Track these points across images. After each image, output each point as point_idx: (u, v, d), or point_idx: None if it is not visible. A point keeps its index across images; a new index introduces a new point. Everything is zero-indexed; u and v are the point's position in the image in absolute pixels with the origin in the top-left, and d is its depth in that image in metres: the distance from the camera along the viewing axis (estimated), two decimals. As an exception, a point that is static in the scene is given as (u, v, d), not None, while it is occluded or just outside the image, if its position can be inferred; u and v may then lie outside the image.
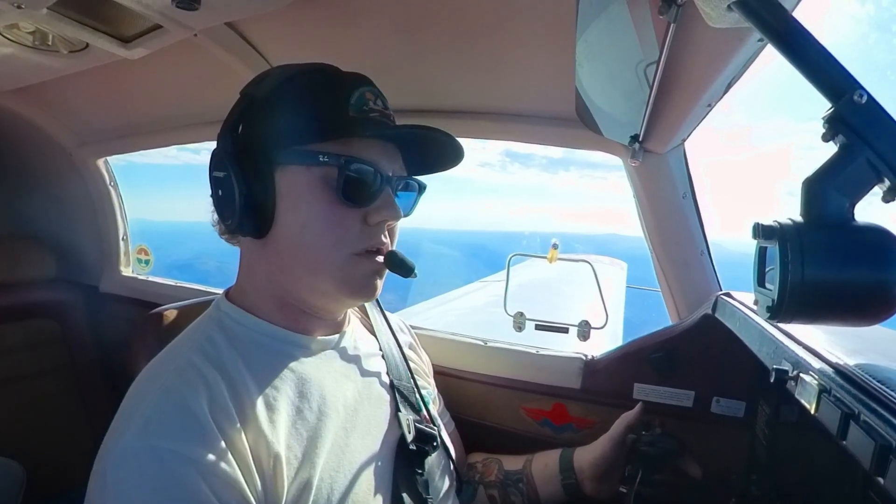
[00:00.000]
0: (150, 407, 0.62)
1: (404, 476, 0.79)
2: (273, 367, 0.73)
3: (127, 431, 0.60)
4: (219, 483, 0.58)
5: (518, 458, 1.08)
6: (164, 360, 0.72)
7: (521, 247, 5.67)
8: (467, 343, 1.37)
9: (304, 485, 0.66)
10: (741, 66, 0.71)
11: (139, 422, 0.60)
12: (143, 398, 0.64)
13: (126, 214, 2.09)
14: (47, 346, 1.92)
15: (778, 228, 0.48)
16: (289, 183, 0.71)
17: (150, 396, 0.63)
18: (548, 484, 1.02)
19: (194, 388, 0.64)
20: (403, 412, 0.86)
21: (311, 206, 0.71)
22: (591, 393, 1.24)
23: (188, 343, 0.73)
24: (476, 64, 1.07)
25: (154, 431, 0.59)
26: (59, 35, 1.08)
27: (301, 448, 0.68)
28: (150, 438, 0.58)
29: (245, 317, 0.76)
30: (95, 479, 0.60)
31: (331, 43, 1.12)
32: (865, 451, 0.44)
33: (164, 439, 0.58)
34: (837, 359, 0.59)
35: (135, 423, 0.60)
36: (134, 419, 0.61)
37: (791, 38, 0.46)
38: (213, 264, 22.35)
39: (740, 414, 1.12)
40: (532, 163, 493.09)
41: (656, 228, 1.20)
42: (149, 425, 0.59)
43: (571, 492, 1.00)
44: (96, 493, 0.58)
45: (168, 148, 1.85)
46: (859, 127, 0.45)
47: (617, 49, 0.85)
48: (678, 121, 0.93)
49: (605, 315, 1.39)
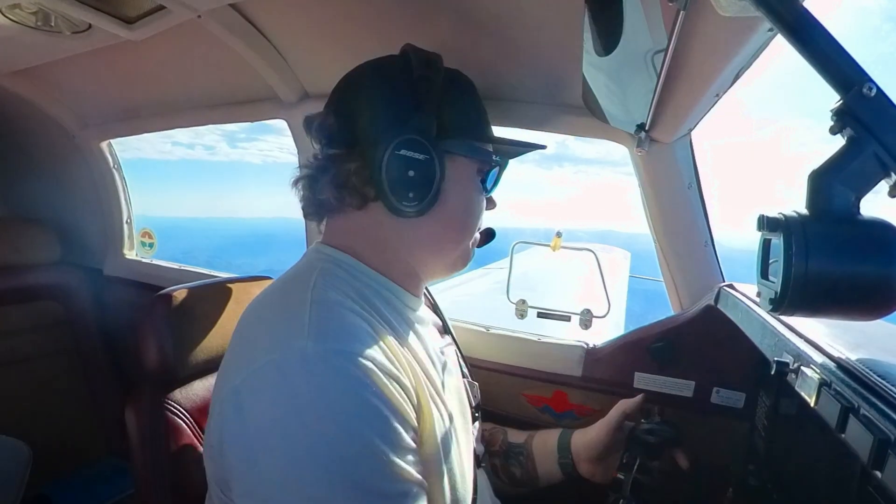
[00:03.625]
0: (313, 317, 0.60)
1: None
2: (388, 313, 0.73)
3: (295, 340, 0.57)
4: (401, 402, 0.60)
5: (522, 433, 1.11)
6: (291, 286, 0.70)
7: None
8: (469, 329, 1.37)
9: (433, 432, 0.67)
10: (750, 55, 0.70)
11: (309, 329, 0.58)
12: (294, 314, 0.62)
13: (130, 197, 2.09)
14: (52, 328, 1.94)
15: (782, 221, 0.48)
16: (456, 171, 0.77)
17: (305, 310, 0.61)
18: (545, 461, 1.05)
19: (346, 304, 0.65)
20: (466, 381, 0.93)
21: (471, 193, 0.80)
22: (591, 381, 1.25)
23: (310, 271, 0.71)
24: (481, 49, 1.06)
25: (332, 337, 0.58)
26: (61, 15, 1.07)
27: (428, 391, 0.70)
28: (328, 342, 0.58)
29: (358, 265, 0.76)
30: (261, 401, 0.56)
31: (337, 28, 1.11)
32: (864, 444, 0.44)
33: (343, 343, 0.58)
34: (838, 352, 0.58)
35: (302, 331, 0.58)
36: (298, 328, 0.59)
37: (801, 28, 0.46)
38: (204, 258, 22.62)
39: (740, 405, 1.12)
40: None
41: (660, 218, 1.20)
42: (324, 332, 0.59)
43: (567, 471, 1.03)
44: (278, 409, 0.55)
45: (163, 143, 1.86)
46: (867, 120, 0.44)
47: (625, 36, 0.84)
48: (685, 110, 0.92)
49: (608, 304, 1.39)
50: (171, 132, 1.84)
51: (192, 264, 2.02)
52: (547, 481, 1.05)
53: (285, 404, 0.55)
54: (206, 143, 43.18)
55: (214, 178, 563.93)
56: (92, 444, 1.96)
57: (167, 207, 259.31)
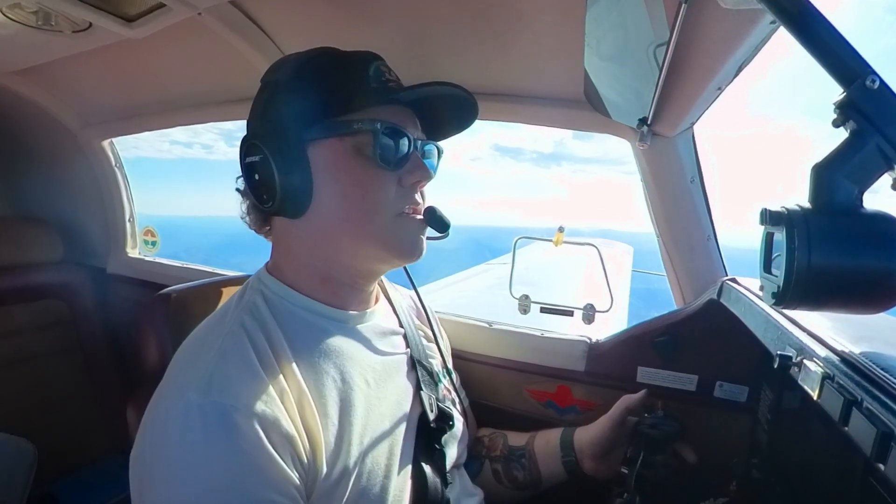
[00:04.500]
0: (209, 368, 0.64)
1: (424, 449, 0.84)
2: (308, 337, 0.76)
3: (187, 390, 0.61)
4: (278, 439, 0.61)
5: (522, 435, 1.10)
6: (216, 324, 0.74)
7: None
8: (472, 325, 1.38)
9: (339, 448, 0.69)
10: (753, 48, 0.70)
11: (200, 381, 0.62)
12: (199, 360, 0.66)
13: (132, 196, 2.09)
14: (56, 327, 1.95)
15: (785, 214, 0.48)
16: (323, 157, 0.73)
17: (208, 358, 0.65)
18: (549, 460, 1.04)
19: (247, 349, 0.67)
20: (425, 390, 0.89)
21: (348, 175, 0.74)
22: (595, 376, 1.25)
23: (237, 308, 0.75)
24: (483, 44, 1.06)
25: (216, 389, 0.61)
26: (61, 14, 1.07)
27: (336, 414, 0.71)
28: (212, 395, 0.60)
29: (284, 289, 0.79)
30: (150, 438, 0.61)
31: (336, 22, 1.10)
32: (867, 437, 0.44)
33: (226, 397, 0.60)
34: (841, 346, 0.58)
35: (195, 382, 0.62)
36: (194, 379, 0.62)
37: (804, 20, 0.45)
38: (201, 257, 23.28)
39: (743, 399, 1.12)
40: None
41: (663, 212, 1.20)
42: (210, 384, 0.61)
43: (571, 469, 1.02)
44: (155, 452, 0.60)
45: (161, 142, 1.88)
46: (870, 113, 0.44)
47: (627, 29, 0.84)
48: (688, 104, 0.92)
49: (611, 298, 1.39)
50: (169, 131, 1.85)
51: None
52: (550, 482, 1.04)
53: (171, 450, 0.58)
54: (203, 142, 42.96)
55: (212, 176, 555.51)
56: (97, 442, 1.97)
57: (165, 206, 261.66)
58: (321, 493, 0.66)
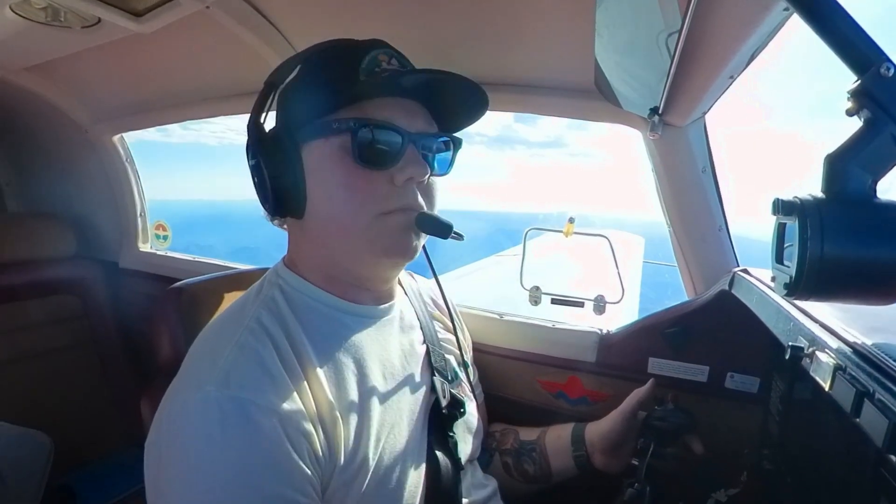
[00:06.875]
0: (228, 362, 0.64)
1: (438, 436, 0.84)
2: (327, 330, 0.76)
3: (206, 383, 0.61)
4: (294, 434, 0.61)
5: (533, 430, 1.10)
6: (234, 318, 0.74)
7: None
8: (483, 316, 1.38)
9: (357, 442, 0.69)
10: (766, 36, 0.69)
11: (218, 375, 0.62)
12: (217, 354, 0.66)
13: (143, 191, 2.11)
14: (70, 321, 1.98)
15: (798, 204, 0.47)
16: (313, 158, 0.73)
17: (226, 352, 0.65)
18: (559, 455, 1.04)
19: (265, 344, 0.68)
20: (438, 378, 0.90)
21: (332, 176, 0.72)
22: (605, 367, 1.25)
23: (255, 302, 0.76)
24: (493, 34, 1.05)
25: (235, 383, 0.61)
26: (70, 10, 1.07)
27: (355, 409, 0.71)
28: (231, 389, 0.61)
29: (302, 283, 0.79)
30: (167, 428, 0.61)
31: (345, 13, 1.10)
32: (879, 428, 0.44)
33: (245, 391, 0.61)
34: (853, 337, 0.58)
35: (214, 376, 0.62)
36: (212, 373, 0.63)
37: (817, 6, 0.45)
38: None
39: (754, 390, 1.12)
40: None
41: (674, 203, 1.19)
42: (229, 378, 0.62)
43: (582, 464, 1.02)
44: (172, 443, 0.60)
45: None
46: (885, 101, 0.43)
47: (638, 18, 0.83)
48: (699, 93, 0.91)
49: (622, 289, 1.39)
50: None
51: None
52: (561, 476, 1.04)
53: (188, 441, 0.59)
54: (158, 126, 41.99)
55: (170, 160, 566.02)
56: (111, 434, 2.00)
57: (172, 192, 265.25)
58: (338, 485, 0.66)
